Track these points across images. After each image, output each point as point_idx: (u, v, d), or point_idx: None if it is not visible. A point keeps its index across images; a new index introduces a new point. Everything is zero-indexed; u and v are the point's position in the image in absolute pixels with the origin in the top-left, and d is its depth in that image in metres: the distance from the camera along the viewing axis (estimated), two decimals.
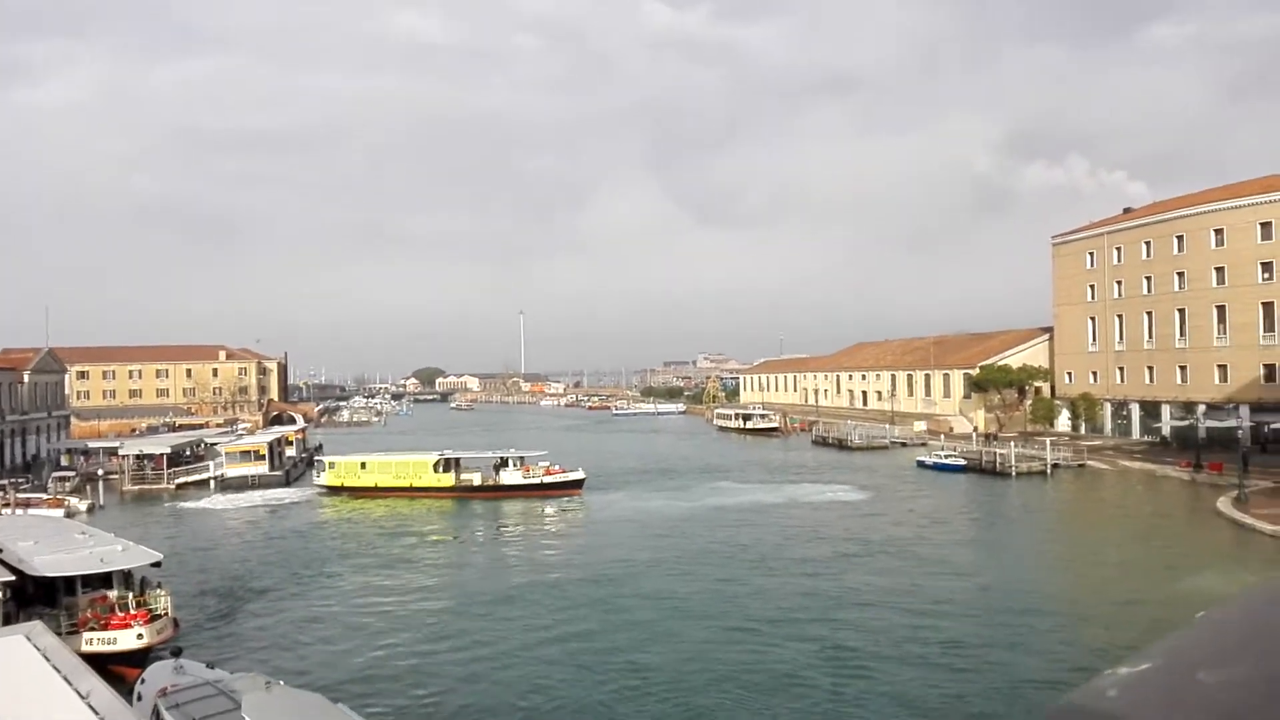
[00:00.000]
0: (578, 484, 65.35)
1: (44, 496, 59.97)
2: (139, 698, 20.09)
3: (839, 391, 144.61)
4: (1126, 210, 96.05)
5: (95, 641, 26.08)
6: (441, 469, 66.56)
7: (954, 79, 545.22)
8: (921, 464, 78.12)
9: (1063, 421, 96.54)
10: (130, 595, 28.53)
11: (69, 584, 28.02)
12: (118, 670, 26.17)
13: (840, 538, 47.03)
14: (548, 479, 65.55)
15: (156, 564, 29.83)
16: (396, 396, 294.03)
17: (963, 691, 24.51)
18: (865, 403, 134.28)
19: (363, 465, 68.13)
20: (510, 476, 65.91)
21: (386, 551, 46.30)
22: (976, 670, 26.13)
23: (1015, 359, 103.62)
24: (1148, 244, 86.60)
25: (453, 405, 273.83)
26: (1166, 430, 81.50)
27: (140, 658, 25.71)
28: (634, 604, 34.28)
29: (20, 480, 67.62)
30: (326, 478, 68.62)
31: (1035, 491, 64.33)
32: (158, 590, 29.54)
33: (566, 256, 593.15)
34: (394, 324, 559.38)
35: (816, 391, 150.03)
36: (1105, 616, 31.46)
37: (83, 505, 60.63)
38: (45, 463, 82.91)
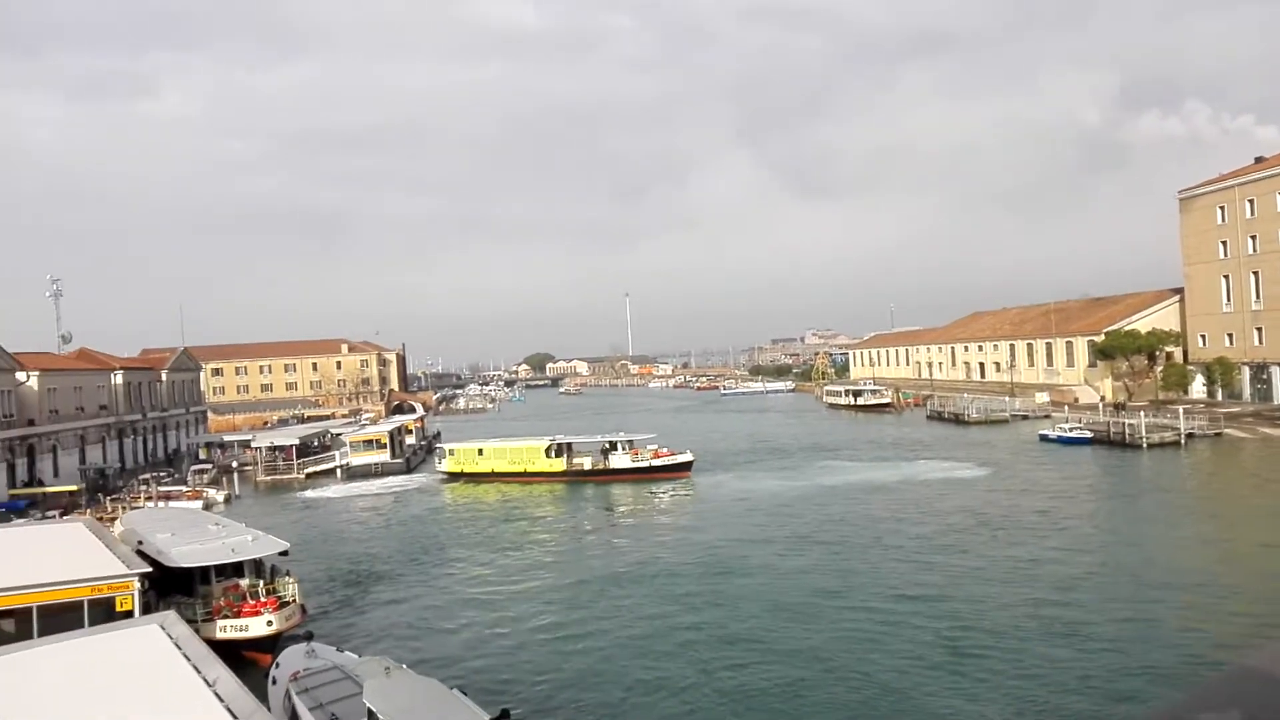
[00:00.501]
0: (686, 466, 65.43)
1: (184, 489, 63.61)
2: (274, 681, 21.11)
3: (954, 364, 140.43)
4: (1258, 160, 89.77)
5: (229, 629, 27.51)
6: (554, 454, 67.73)
7: (1055, 29, 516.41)
8: (1044, 437, 75.13)
9: (1197, 388, 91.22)
10: (261, 583, 29.94)
11: (204, 574, 29.57)
12: (250, 655, 27.62)
13: (958, 516, 45.69)
14: (656, 462, 65.83)
15: (284, 553, 31.22)
16: (509, 383, 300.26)
17: (1089, 671, 23.47)
18: (983, 375, 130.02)
19: (480, 452, 70.26)
20: (619, 460, 66.49)
21: (501, 536, 47.37)
22: (1104, 651, 24.98)
23: (1143, 323, 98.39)
24: None
25: (560, 390, 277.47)
26: None
27: (270, 643, 26.98)
28: (743, 586, 34.07)
29: (162, 474, 71.94)
30: (447, 464, 71.00)
31: (1168, 463, 61.05)
32: (286, 578, 30.90)
33: (667, 236, 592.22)
34: (505, 312, 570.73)
35: (930, 364, 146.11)
36: (1246, 596, 29.63)
37: (220, 496, 64.07)
38: (185, 457, 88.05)
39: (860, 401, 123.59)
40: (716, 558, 38.99)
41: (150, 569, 26.66)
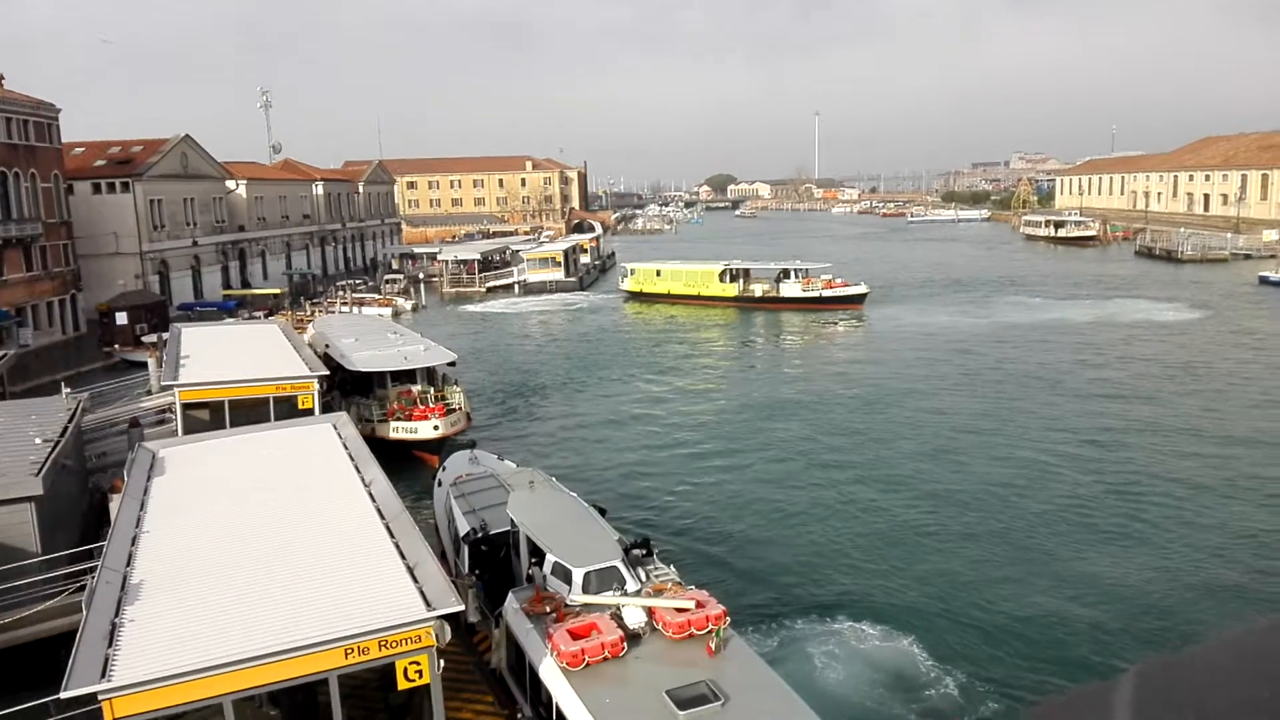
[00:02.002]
0: (859, 299, 63.48)
1: (376, 296, 67.80)
2: (439, 483, 22.62)
3: (1175, 195, 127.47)
4: None
5: (400, 430, 29.56)
6: (728, 279, 67.37)
7: None
8: (1264, 279, 67.91)
9: None
10: (431, 390, 31.77)
11: (380, 378, 31.64)
12: (419, 455, 29.72)
13: (1144, 363, 42.57)
14: (827, 293, 64.21)
15: (452, 363, 32.88)
16: (689, 204, 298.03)
17: (1238, 545, 21.74)
18: (1207, 208, 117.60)
19: (658, 273, 71.22)
20: (789, 289, 65.35)
21: (664, 359, 48.06)
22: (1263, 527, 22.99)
23: None
24: None
25: (736, 213, 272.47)
26: None
27: (437, 446, 28.85)
28: (895, 424, 33.34)
29: (357, 281, 76.82)
30: (628, 283, 72.72)
31: None
32: (454, 387, 32.65)
33: (861, 47, 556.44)
34: (688, 131, 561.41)
35: (1148, 194, 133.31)
36: None
37: (408, 305, 67.96)
38: (380, 265, 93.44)
39: (1061, 233, 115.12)
40: (877, 394, 38.20)
41: (328, 372, 28.62)
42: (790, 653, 17.32)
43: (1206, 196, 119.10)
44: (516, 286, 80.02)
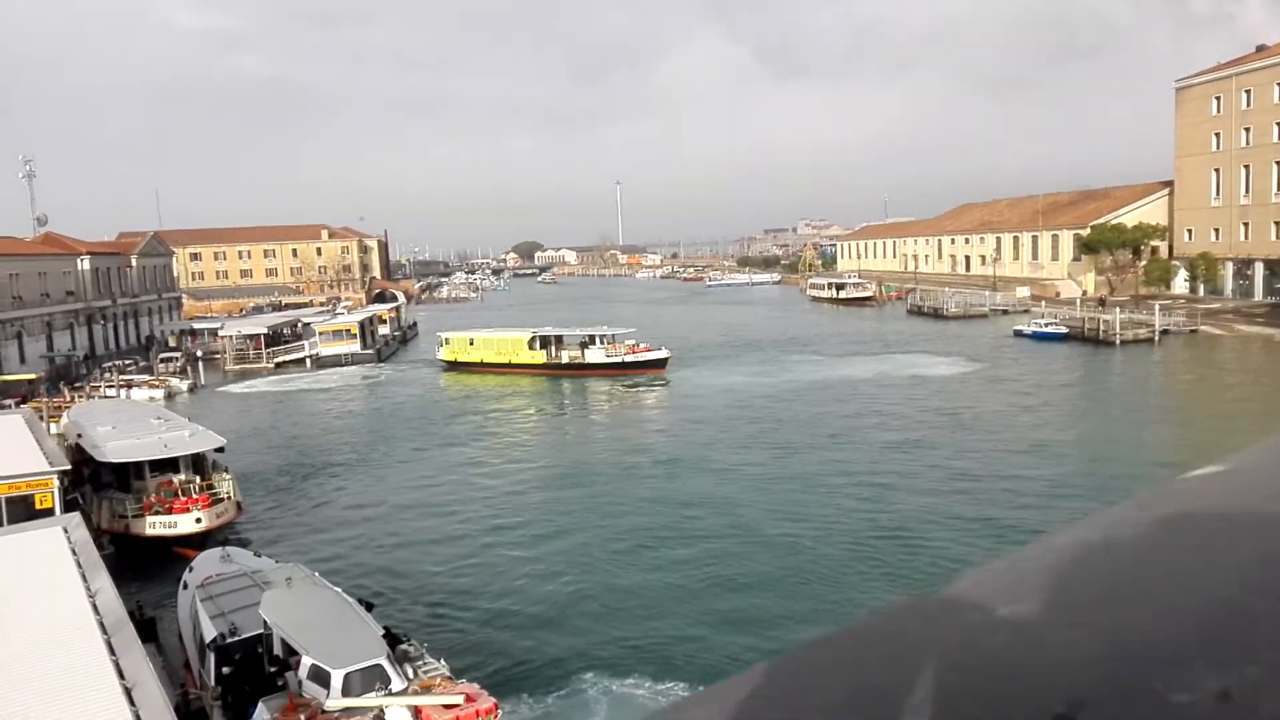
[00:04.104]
0: (661, 363, 64.64)
1: (146, 378, 62.94)
2: (185, 585, 20.70)
3: (940, 257, 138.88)
4: (1259, 49, 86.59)
5: (158, 525, 27.13)
6: (538, 346, 67.15)
7: None
8: (1019, 333, 74.54)
9: (1180, 284, 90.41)
10: (196, 480, 29.42)
11: (137, 469, 29.05)
12: (180, 552, 27.28)
13: (917, 414, 45.40)
14: (630, 358, 65.11)
15: (220, 449, 30.65)
16: (496, 272, 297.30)
17: None
18: (968, 268, 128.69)
19: (470, 342, 70.34)
20: (595, 355, 65.85)
21: (459, 431, 46.82)
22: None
23: (1131, 217, 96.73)
24: None
25: (540, 280, 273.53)
26: None
27: (200, 541, 26.61)
28: (689, 485, 33.75)
29: (127, 362, 71.12)
30: (444, 352, 71.25)
31: (1140, 361, 60.65)
32: (223, 474, 30.41)
33: (645, 119, 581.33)
34: (495, 199, 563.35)
35: (917, 257, 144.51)
36: None
37: (184, 386, 63.49)
38: (156, 343, 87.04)
39: (843, 295, 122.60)
40: (674, 457, 38.59)
41: (69, 466, 26.00)
42: None
43: (967, 258, 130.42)
44: (308, 361, 76.42)
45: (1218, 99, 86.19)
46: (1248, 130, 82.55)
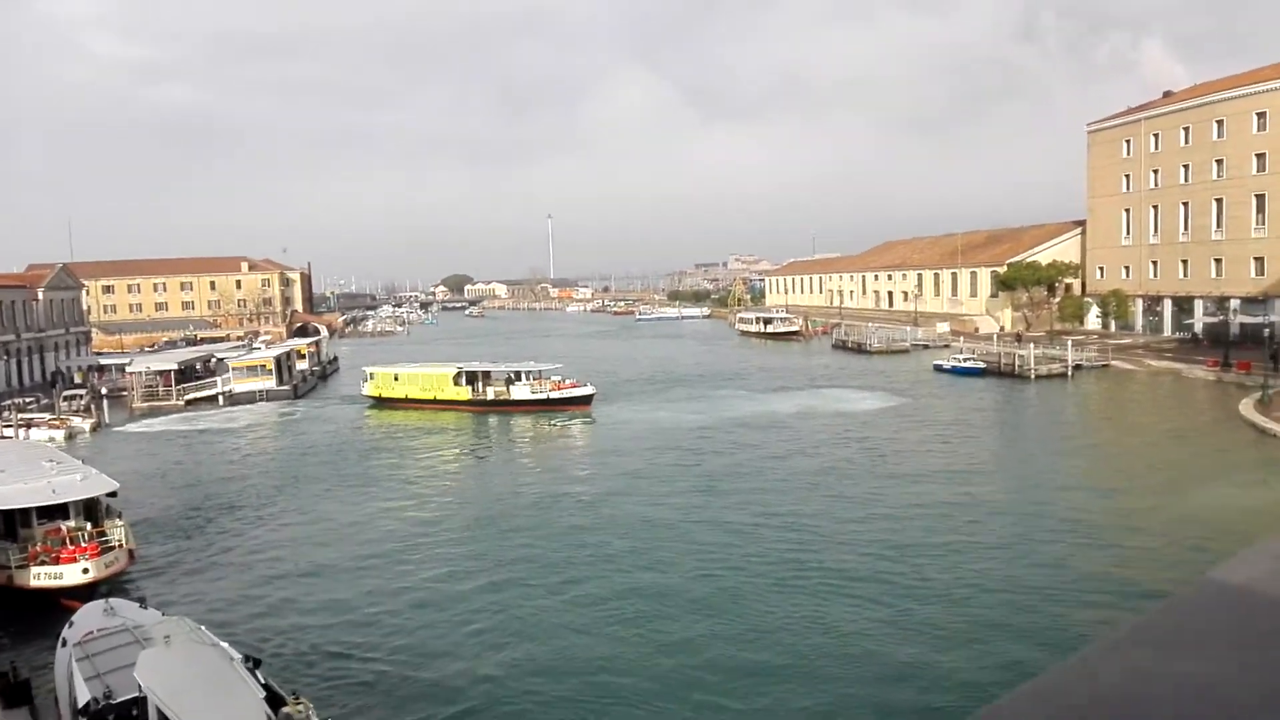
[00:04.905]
0: (587, 399, 64.06)
1: (46, 417, 59.90)
2: (63, 643, 19.30)
3: (864, 292, 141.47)
4: (1166, 94, 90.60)
5: (43, 576, 25.43)
6: (464, 381, 66.03)
7: None
8: (939, 367, 75.92)
9: (1093, 319, 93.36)
10: (87, 526, 27.78)
11: (24, 515, 27.33)
12: (68, 605, 25.62)
13: (839, 449, 45.55)
14: (555, 394, 64.41)
15: (113, 494, 29.05)
16: (425, 305, 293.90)
17: (933, 627, 23.10)
18: (891, 304, 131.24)
19: (395, 377, 69.10)
20: (520, 391, 65.01)
21: (373, 472, 45.25)
22: (952, 606, 24.67)
23: (1046, 255, 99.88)
24: (1186, 130, 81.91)
25: (467, 313, 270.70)
26: (1199, 327, 78.43)
27: (87, 592, 25.00)
28: (606, 526, 33.05)
29: (28, 400, 67.84)
30: (368, 388, 69.89)
31: (1054, 395, 62.12)
32: (116, 520, 28.79)
33: (569, 153, 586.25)
34: (425, 233, 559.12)
35: (842, 293, 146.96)
36: (1107, 540, 29.75)
37: (86, 425, 60.62)
38: (61, 379, 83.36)
39: (770, 329, 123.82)
40: (594, 496, 37.91)
41: None
42: None
43: (890, 294, 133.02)
44: (221, 398, 73.79)
45: (1127, 142, 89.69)
46: (1156, 172, 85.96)
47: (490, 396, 65.46)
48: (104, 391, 72.53)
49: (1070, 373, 68.33)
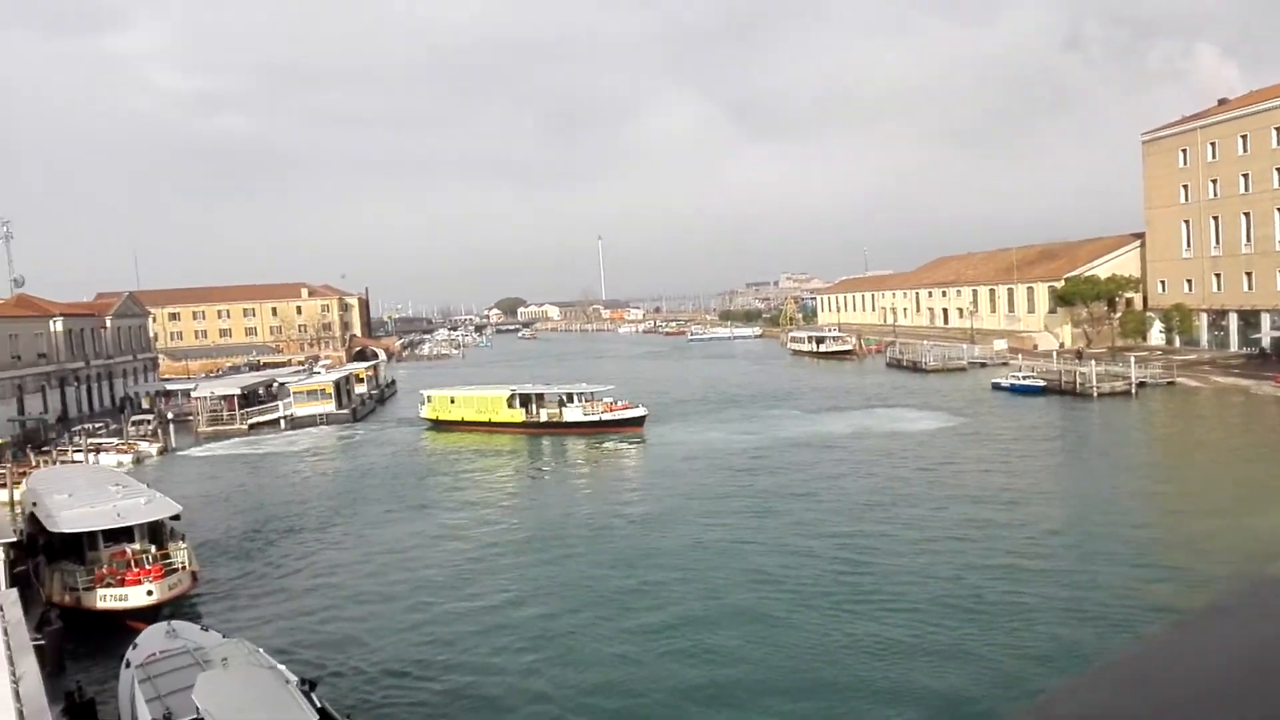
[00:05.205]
0: (639, 421, 64.08)
1: (115, 441, 61.78)
2: (127, 664, 19.83)
3: (919, 310, 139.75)
4: (1222, 101, 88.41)
5: (108, 598, 26.17)
6: (518, 404, 66.65)
7: None
8: (997, 385, 74.56)
9: (1155, 335, 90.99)
10: (152, 549, 28.54)
11: (91, 538, 28.17)
12: (134, 626, 26.32)
13: (895, 470, 44.96)
14: (607, 416, 64.58)
15: (176, 517, 29.82)
16: (479, 328, 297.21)
17: (994, 650, 22.64)
18: (946, 321, 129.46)
19: (451, 400, 70.01)
20: (572, 414, 65.31)
21: (429, 495, 45.90)
22: (1014, 629, 24.15)
23: (1104, 269, 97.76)
24: (1244, 137, 79.84)
25: (520, 335, 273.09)
26: (1266, 341, 76.00)
27: (151, 614, 25.65)
28: (659, 549, 33.02)
29: (98, 425, 69.99)
30: (426, 410, 71.10)
31: (1117, 414, 60.58)
32: (180, 543, 29.53)
33: (619, 176, 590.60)
34: (478, 256, 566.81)
35: (895, 310, 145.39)
36: (1172, 563, 28.92)
37: (153, 449, 62.36)
38: (129, 405, 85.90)
39: (822, 348, 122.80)
40: (647, 519, 37.94)
41: (15, 538, 25.16)
42: None
43: (945, 311, 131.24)
44: (282, 421, 75.45)
45: (1184, 151, 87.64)
46: (1214, 182, 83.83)
47: (543, 419, 65.89)
48: (170, 416, 74.59)
49: (1134, 390, 66.63)
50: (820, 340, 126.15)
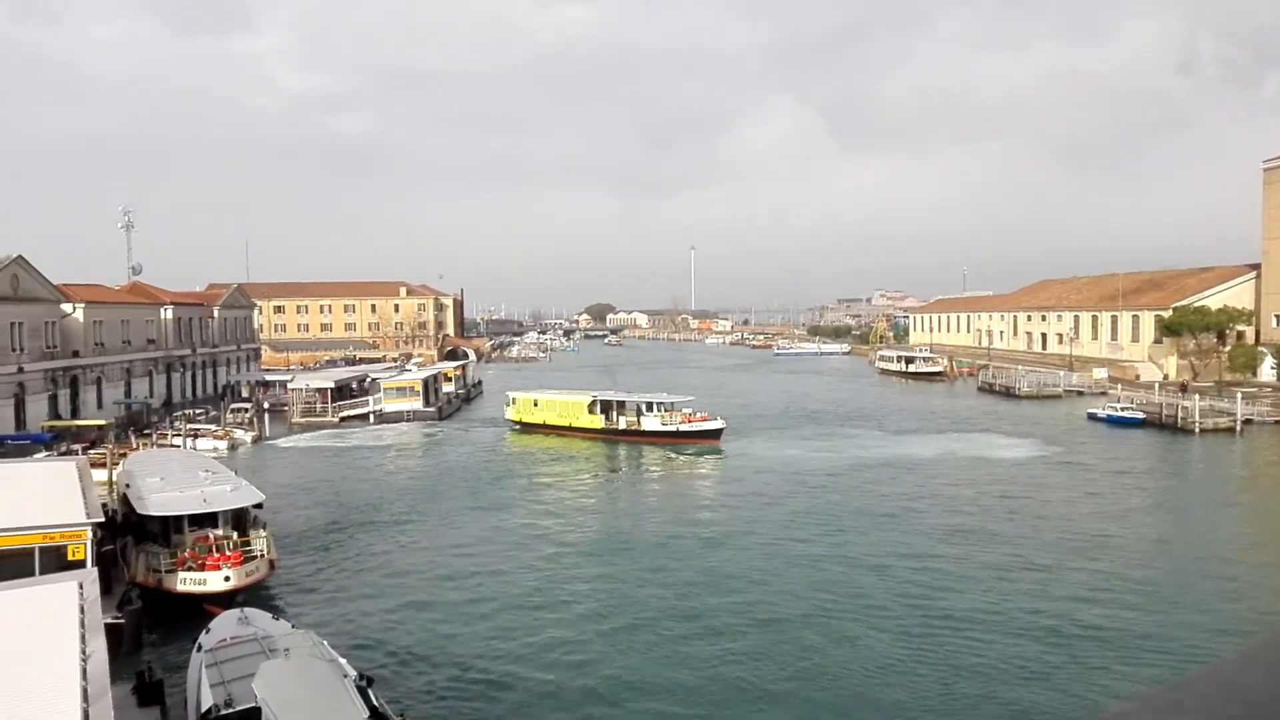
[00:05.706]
0: (716, 433, 63.74)
1: (212, 428, 64.34)
2: (199, 648, 20.54)
3: (1015, 333, 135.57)
4: None
5: (188, 581, 27.17)
6: (598, 410, 67.18)
7: None
8: (1093, 416, 71.76)
9: (1267, 371, 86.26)
10: (233, 535, 29.55)
11: (177, 522, 29.32)
12: (211, 610, 27.29)
13: (981, 499, 43.59)
14: (684, 427, 64.44)
15: (259, 505, 30.83)
16: (568, 332, 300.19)
17: (1062, 684, 21.72)
18: (1044, 346, 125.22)
19: (535, 403, 71.21)
20: (650, 422, 65.43)
21: (504, 496, 46.49)
22: (1085, 668, 23.14)
23: (1215, 299, 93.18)
24: None
25: (606, 342, 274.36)
26: None
27: (228, 599, 26.56)
28: (725, 563, 32.72)
29: (199, 411, 73.04)
30: (510, 412, 72.56)
31: (1220, 451, 57.63)
32: (260, 530, 30.52)
33: (715, 187, 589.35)
34: (570, 261, 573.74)
35: (991, 333, 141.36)
36: (1266, 610, 27.32)
37: (248, 437, 64.73)
38: (230, 392, 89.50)
39: (912, 368, 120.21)
40: (719, 533, 37.67)
41: (104, 519, 26.37)
42: None
43: (1044, 335, 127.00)
44: (371, 416, 77.56)
45: None
46: None
47: (622, 426, 66.17)
48: (266, 405, 77.41)
49: (1239, 428, 63.29)
50: (910, 360, 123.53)
